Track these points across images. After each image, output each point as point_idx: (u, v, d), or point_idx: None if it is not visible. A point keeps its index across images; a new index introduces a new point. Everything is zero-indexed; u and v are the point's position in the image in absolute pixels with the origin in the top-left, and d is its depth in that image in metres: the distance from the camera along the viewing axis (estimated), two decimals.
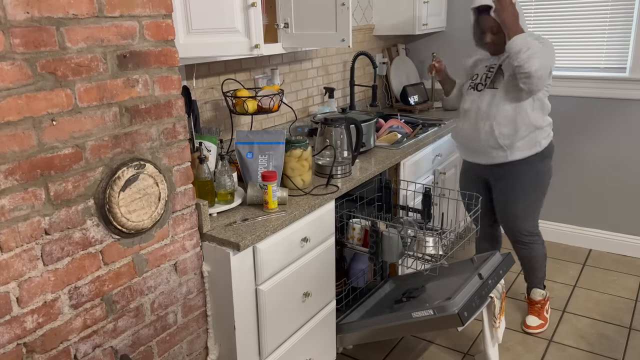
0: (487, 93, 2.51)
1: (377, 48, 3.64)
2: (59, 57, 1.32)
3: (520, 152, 2.50)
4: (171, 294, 1.74)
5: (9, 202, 1.28)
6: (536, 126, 2.48)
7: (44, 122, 1.32)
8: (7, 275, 1.30)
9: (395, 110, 3.62)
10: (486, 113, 2.49)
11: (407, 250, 2.24)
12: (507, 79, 2.45)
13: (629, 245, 3.51)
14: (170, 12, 1.57)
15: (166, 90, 1.60)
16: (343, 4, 2.17)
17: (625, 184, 3.41)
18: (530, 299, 2.82)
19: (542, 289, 2.80)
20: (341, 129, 2.31)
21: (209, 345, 1.91)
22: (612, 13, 3.22)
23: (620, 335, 2.70)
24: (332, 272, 2.23)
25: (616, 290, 3.13)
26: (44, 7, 1.27)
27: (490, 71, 2.53)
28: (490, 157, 2.56)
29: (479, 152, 2.59)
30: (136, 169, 1.52)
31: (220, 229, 1.80)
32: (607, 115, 3.35)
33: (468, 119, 2.58)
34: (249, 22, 1.95)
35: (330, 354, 2.35)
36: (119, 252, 1.56)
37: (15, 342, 1.34)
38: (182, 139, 1.68)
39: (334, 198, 2.14)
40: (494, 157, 2.55)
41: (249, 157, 2.08)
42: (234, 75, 2.48)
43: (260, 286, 1.86)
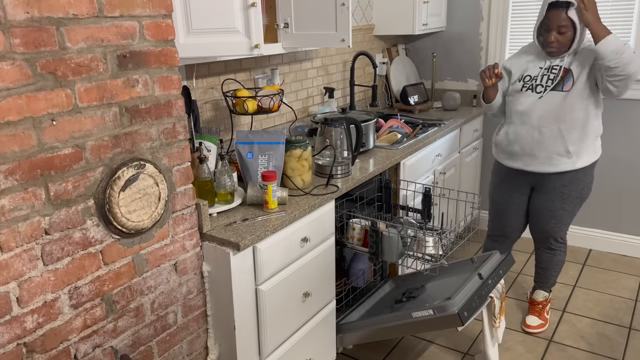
0: (554, 95, 2.40)
1: (377, 48, 3.64)
2: (59, 57, 1.32)
3: (586, 159, 2.46)
4: (171, 294, 1.74)
5: (9, 202, 1.28)
6: (598, 133, 2.47)
7: (44, 122, 1.32)
8: (7, 275, 1.30)
9: (395, 110, 3.62)
10: (555, 116, 2.41)
11: (407, 250, 2.24)
12: (581, 81, 2.37)
13: (629, 245, 3.51)
14: (170, 12, 1.57)
15: (166, 90, 1.60)
16: (343, 4, 2.17)
17: (625, 184, 3.41)
18: (532, 299, 2.83)
19: (547, 292, 2.81)
20: (341, 129, 2.31)
21: (209, 345, 1.91)
22: (612, 13, 3.22)
23: (620, 335, 2.70)
24: (332, 272, 2.23)
25: (616, 290, 3.13)
26: (44, 7, 1.27)
27: (553, 72, 2.43)
28: (552, 164, 2.48)
29: (538, 158, 2.50)
30: (136, 169, 1.52)
31: (220, 229, 1.80)
32: (607, 115, 3.35)
33: (526, 122, 2.49)
34: (249, 22, 1.95)
35: (330, 354, 2.35)
36: (119, 252, 1.56)
37: (15, 342, 1.34)
38: (182, 139, 1.68)
39: (334, 198, 2.14)
40: (557, 164, 2.47)
41: (249, 157, 2.08)
42: (234, 75, 2.48)
43: (260, 286, 1.86)
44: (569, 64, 2.41)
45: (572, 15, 2.28)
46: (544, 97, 2.42)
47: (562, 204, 2.53)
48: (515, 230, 2.78)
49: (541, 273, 2.80)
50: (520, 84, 2.52)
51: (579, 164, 2.45)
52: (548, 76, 2.43)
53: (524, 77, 2.52)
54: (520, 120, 2.51)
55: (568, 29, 2.32)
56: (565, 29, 2.32)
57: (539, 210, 2.61)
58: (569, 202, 2.53)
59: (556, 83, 2.40)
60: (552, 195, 2.54)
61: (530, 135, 2.48)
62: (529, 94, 2.48)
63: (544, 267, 2.77)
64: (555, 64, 2.43)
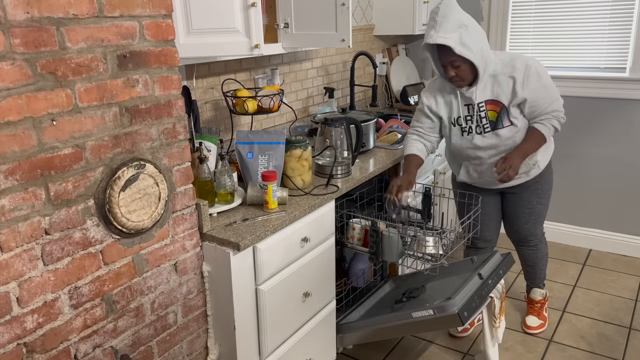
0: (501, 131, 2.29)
1: (377, 48, 3.64)
2: (59, 57, 1.32)
3: (546, 156, 2.46)
4: (171, 294, 1.74)
5: (9, 202, 1.28)
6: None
7: (44, 122, 1.32)
8: (7, 275, 1.30)
9: (395, 110, 3.62)
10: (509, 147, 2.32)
11: (407, 250, 2.24)
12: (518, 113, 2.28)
13: (629, 245, 3.51)
14: (170, 12, 1.57)
15: (166, 90, 1.60)
16: (343, 4, 2.17)
17: (625, 183, 3.41)
18: (530, 299, 2.82)
19: (542, 288, 2.80)
20: (341, 129, 2.31)
21: (209, 345, 1.91)
22: (612, 13, 3.22)
23: (620, 335, 2.70)
24: (332, 272, 2.23)
25: (616, 290, 3.13)
26: (44, 7, 1.27)
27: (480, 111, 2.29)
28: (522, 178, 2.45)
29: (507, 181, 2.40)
30: (136, 169, 1.52)
31: (220, 229, 1.80)
32: (607, 115, 3.35)
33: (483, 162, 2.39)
34: (249, 22, 1.95)
35: (330, 354, 2.35)
36: (119, 252, 1.56)
37: (15, 342, 1.34)
38: (182, 139, 1.68)
39: (334, 198, 2.14)
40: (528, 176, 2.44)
41: (249, 157, 2.08)
42: (234, 75, 2.48)
43: (260, 286, 1.86)
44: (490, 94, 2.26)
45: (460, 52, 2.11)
46: (490, 135, 2.31)
47: (538, 199, 2.53)
48: (495, 232, 2.72)
49: (530, 271, 2.78)
50: (457, 128, 2.37)
51: (543, 164, 2.44)
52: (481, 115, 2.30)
53: (456, 120, 2.36)
54: (476, 159, 2.40)
55: (462, 62, 2.16)
56: (459, 63, 2.16)
57: (516, 210, 2.58)
58: (543, 196, 2.54)
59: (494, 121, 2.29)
60: (526, 194, 2.52)
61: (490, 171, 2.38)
62: (473, 136, 2.35)
63: (532, 265, 2.74)
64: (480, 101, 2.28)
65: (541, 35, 3.47)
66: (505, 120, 2.27)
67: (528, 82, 2.21)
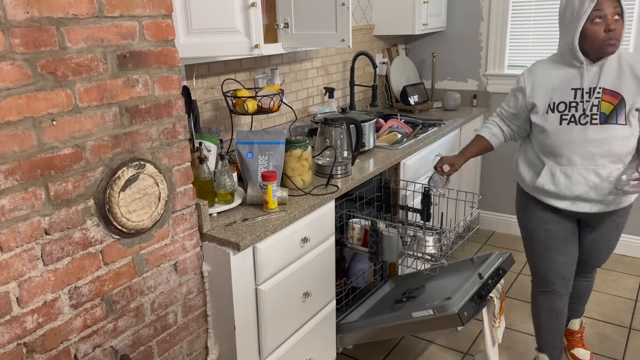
0: (610, 129, 1.92)
1: (377, 48, 3.64)
2: (59, 57, 1.32)
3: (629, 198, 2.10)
4: (171, 294, 1.74)
5: (9, 202, 1.28)
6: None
7: (44, 122, 1.32)
8: (7, 275, 1.30)
9: (395, 110, 3.62)
10: (617, 154, 1.96)
11: (407, 249, 2.24)
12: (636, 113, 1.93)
13: (629, 245, 3.51)
14: (170, 12, 1.57)
15: (166, 90, 1.60)
16: (343, 4, 2.17)
17: None
18: (570, 331, 2.56)
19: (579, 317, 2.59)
20: (341, 129, 2.31)
21: (209, 345, 1.91)
22: None
23: (620, 335, 2.70)
24: (332, 272, 2.23)
25: (616, 290, 3.13)
26: (44, 7, 1.27)
27: (597, 97, 1.93)
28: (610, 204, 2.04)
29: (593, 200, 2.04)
30: (136, 169, 1.52)
31: (220, 229, 1.80)
32: None
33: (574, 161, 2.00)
34: (249, 22, 1.95)
35: (330, 354, 2.35)
36: (119, 252, 1.56)
37: (15, 342, 1.34)
38: (182, 139, 1.68)
39: (334, 198, 2.14)
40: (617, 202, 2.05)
41: (249, 157, 2.08)
42: (234, 75, 2.48)
43: (260, 286, 1.86)
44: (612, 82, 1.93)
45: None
46: (595, 129, 1.94)
47: (617, 234, 2.20)
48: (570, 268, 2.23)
49: (577, 302, 2.48)
50: (555, 115, 2.00)
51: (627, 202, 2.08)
52: (591, 104, 1.93)
53: (556, 106, 2.00)
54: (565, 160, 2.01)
55: (621, 16, 1.86)
56: (619, 14, 1.86)
57: (597, 246, 2.22)
58: (621, 231, 2.22)
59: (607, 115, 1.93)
60: (608, 225, 2.15)
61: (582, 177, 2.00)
62: (572, 128, 1.97)
63: (581, 297, 2.47)
64: (591, 85, 1.94)
65: (541, 35, 3.46)
66: (620, 117, 1.91)
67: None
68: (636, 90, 1.91)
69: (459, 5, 3.68)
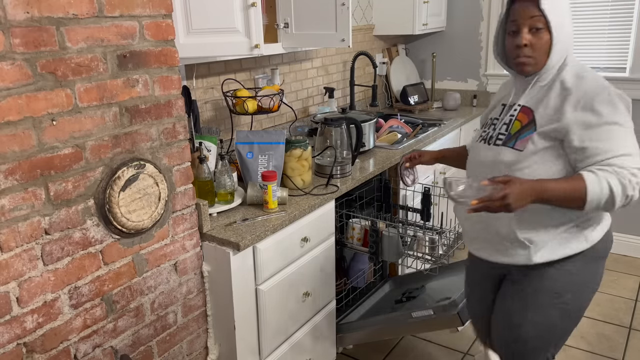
0: (499, 151, 1.54)
1: (377, 48, 3.64)
2: (59, 57, 1.32)
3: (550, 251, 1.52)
4: (171, 294, 1.74)
5: (9, 202, 1.28)
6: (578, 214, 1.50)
7: (44, 122, 1.32)
8: (7, 275, 1.30)
9: (395, 110, 3.62)
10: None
11: (407, 249, 2.24)
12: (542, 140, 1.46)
13: (629, 245, 3.51)
14: (170, 12, 1.57)
15: (166, 90, 1.60)
16: (343, 4, 2.17)
17: None
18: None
19: None
20: (341, 129, 2.31)
21: (209, 345, 1.91)
22: (612, 13, 3.22)
23: (620, 335, 2.70)
24: (332, 272, 2.23)
25: (616, 290, 3.13)
26: (44, 7, 1.27)
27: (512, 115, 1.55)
28: (507, 254, 1.58)
29: (486, 243, 1.62)
30: (136, 169, 1.52)
31: (220, 229, 1.80)
32: None
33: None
34: (249, 22, 1.95)
35: (330, 354, 2.35)
36: (119, 252, 1.56)
37: (15, 342, 1.34)
38: (182, 139, 1.68)
39: (334, 198, 2.14)
40: (512, 255, 1.57)
41: (249, 157, 2.08)
42: (234, 75, 2.48)
43: (260, 286, 1.86)
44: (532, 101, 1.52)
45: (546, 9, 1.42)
46: (495, 151, 1.56)
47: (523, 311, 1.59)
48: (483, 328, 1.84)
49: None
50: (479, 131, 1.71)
51: (538, 257, 1.53)
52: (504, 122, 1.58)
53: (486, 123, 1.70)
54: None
55: (543, 30, 1.45)
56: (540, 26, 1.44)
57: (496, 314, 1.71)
58: (535, 309, 1.57)
59: (509, 135, 1.53)
60: (512, 296, 1.64)
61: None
62: (480, 147, 1.63)
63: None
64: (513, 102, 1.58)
65: None
66: (522, 141, 1.49)
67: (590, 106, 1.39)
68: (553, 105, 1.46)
69: (459, 5, 3.68)
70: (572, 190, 1.37)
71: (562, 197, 1.38)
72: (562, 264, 1.53)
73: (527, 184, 1.37)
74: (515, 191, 1.35)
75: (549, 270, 1.54)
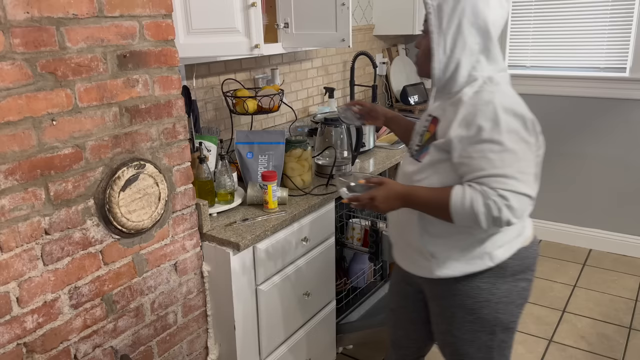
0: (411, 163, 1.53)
1: (377, 48, 3.64)
2: (59, 57, 1.32)
3: (451, 268, 1.48)
4: (171, 294, 1.74)
5: (9, 202, 1.28)
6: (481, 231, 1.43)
7: (44, 122, 1.32)
8: (7, 275, 1.30)
9: (395, 110, 3.62)
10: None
11: None
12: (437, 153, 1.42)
13: (629, 245, 3.51)
14: (170, 12, 1.57)
15: (166, 90, 1.60)
16: (343, 4, 2.17)
17: (626, 183, 3.41)
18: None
19: None
20: (341, 129, 2.31)
21: (209, 345, 1.91)
22: (612, 13, 3.22)
23: (620, 335, 2.70)
24: (332, 272, 2.23)
25: (616, 290, 3.13)
26: (44, 7, 1.27)
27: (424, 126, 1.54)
28: (411, 262, 1.57)
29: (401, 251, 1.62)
30: (136, 169, 1.52)
31: (220, 229, 1.80)
32: (607, 115, 3.35)
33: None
34: (249, 22, 1.95)
35: (330, 354, 2.35)
36: (119, 252, 1.56)
37: (15, 342, 1.34)
38: (182, 139, 1.68)
39: (334, 198, 2.14)
40: (418, 266, 1.55)
41: (249, 157, 2.08)
42: (234, 75, 2.48)
43: (260, 286, 1.86)
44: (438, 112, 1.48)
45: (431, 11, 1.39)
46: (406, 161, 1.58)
47: (449, 327, 1.55)
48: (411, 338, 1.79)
49: None
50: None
51: (440, 272, 1.48)
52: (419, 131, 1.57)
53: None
54: None
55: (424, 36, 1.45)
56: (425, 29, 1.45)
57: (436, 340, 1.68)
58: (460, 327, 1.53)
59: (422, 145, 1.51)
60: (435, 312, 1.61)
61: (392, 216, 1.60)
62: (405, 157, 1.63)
63: None
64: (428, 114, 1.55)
65: (541, 35, 3.46)
66: (426, 152, 1.46)
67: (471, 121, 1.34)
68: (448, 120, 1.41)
69: None
70: (437, 201, 1.36)
71: (428, 206, 1.39)
72: (470, 280, 1.48)
73: (395, 189, 1.41)
74: (382, 194, 1.40)
75: (457, 286, 1.50)
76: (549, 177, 3.62)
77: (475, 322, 1.51)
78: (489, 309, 1.49)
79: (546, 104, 3.49)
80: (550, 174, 3.61)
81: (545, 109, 3.50)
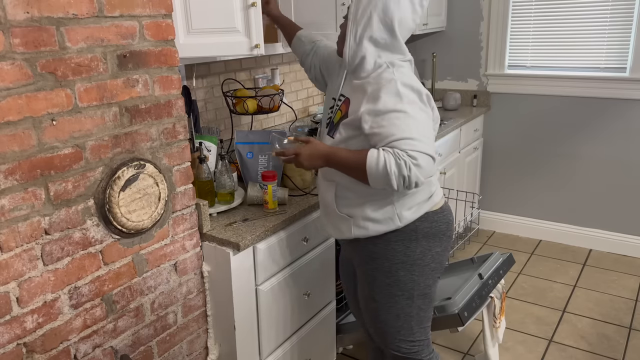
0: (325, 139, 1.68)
1: None
2: (59, 57, 1.32)
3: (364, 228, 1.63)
4: (171, 294, 1.74)
5: (9, 202, 1.28)
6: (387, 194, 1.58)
7: (44, 122, 1.32)
8: (7, 275, 1.30)
9: None
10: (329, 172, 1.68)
11: None
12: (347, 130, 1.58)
13: (629, 245, 3.51)
14: (170, 12, 1.57)
15: (166, 90, 1.60)
16: (343, 4, 2.17)
17: (625, 183, 3.41)
18: None
19: None
20: None
21: (209, 345, 1.91)
22: (612, 13, 3.22)
23: (620, 335, 2.70)
24: (332, 272, 2.23)
25: (616, 290, 3.13)
26: (44, 7, 1.27)
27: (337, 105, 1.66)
28: (337, 230, 1.71)
29: (327, 220, 1.76)
30: (136, 169, 1.52)
31: (220, 229, 1.80)
32: (607, 115, 3.35)
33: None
34: (249, 22, 1.95)
35: (330, 354, 2.35)
36: (119, 252, 1.56)
37: (15, 342, 1.34)
38: (182, 139, 1.68)
39: None
40: (340, 231, 1.70)
41: (249, 157, 2.08)
42: (234, 75, 2.48)
43: (260, 286, 1.86)
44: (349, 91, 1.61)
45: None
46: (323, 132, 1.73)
47: (370, 290, 1.68)
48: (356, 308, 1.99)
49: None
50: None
51: (357, 231, 1.64)
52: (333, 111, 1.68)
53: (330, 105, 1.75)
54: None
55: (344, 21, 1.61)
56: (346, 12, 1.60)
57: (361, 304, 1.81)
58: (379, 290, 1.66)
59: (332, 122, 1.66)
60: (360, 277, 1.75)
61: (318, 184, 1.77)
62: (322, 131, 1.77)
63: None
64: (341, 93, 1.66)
65: (541, 35, 3.46)
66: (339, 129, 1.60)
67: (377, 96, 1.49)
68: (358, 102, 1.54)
69: (459, 5, 3.68)
70: (355, 161, 1.49)
71: (347, 166, 1.52)
72: (387, 243, 1.62)
73: (319, 148, 1.55)
74: (306, 152, 1.54)
75: (375, 249, 1.64)
76: (549, 176, 3.62)
77: (393, 285, 1.64)
78: (404, 271, 1.63)
79: (546, 104, 3.49)
80: (550, 173, 3.61)
81: (545, 109, 3.50)
